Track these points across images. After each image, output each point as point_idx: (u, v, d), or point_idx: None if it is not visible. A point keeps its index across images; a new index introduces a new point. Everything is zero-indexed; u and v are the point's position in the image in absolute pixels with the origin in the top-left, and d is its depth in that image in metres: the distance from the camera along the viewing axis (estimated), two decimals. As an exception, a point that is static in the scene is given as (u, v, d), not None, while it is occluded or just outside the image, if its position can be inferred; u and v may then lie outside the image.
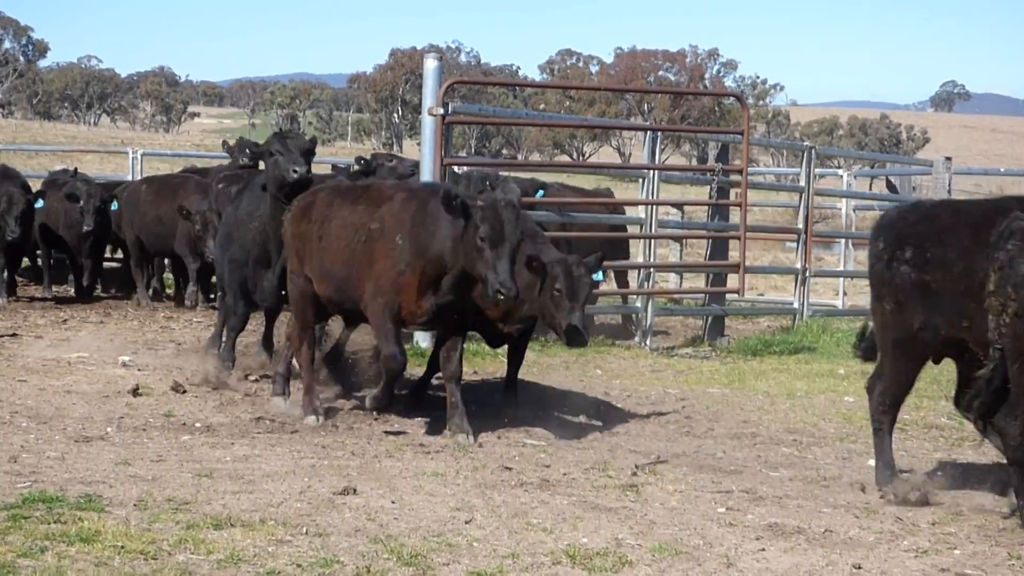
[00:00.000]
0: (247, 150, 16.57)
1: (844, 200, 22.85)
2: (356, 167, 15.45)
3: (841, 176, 24.28)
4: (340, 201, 10.55)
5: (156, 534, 6.82)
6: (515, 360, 11.14)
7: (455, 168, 14.77)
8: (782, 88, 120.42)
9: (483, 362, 13.18)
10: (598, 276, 11.14)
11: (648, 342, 15.88)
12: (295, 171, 11.29)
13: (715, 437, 10.49)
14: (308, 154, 11.73)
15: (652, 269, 16.84)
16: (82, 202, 17.31)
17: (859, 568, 6.89)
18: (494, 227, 9.34)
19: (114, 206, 18.14)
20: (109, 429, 9.67)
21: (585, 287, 10.27)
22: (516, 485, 8.37)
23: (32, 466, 8.33)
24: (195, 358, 12.50)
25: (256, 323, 12.93)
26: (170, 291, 18.98)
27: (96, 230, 17.51)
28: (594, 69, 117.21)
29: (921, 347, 8.69)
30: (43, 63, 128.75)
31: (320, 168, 21.91)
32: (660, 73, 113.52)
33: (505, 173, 16.68)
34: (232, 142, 18.25)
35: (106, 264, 19.65)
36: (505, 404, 10.94)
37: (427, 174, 14.25)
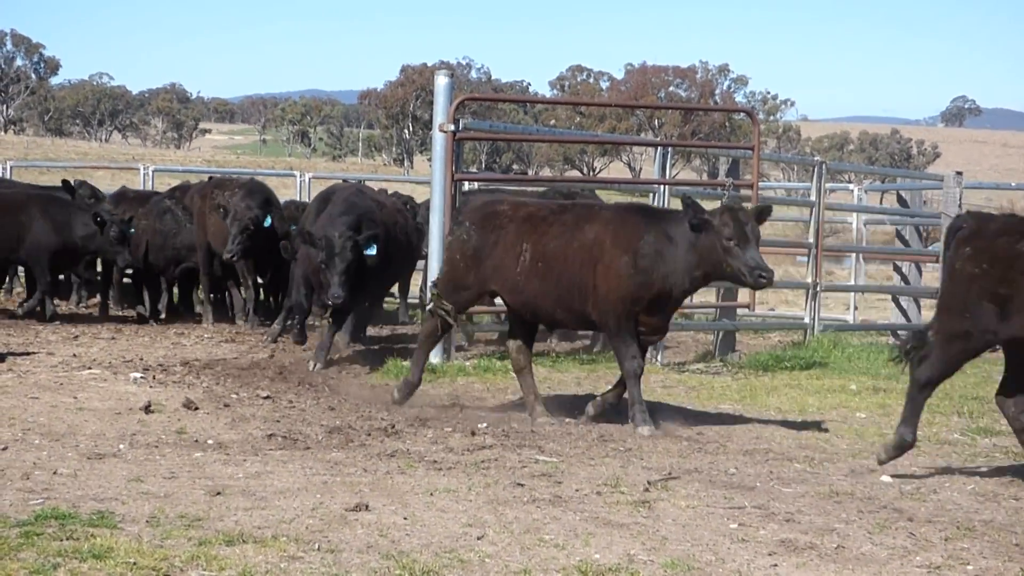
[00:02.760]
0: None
1: (855, 215, 22.87)
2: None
3: (852, 191, 24.28)
4: (536, 218, 11.56)
5: (168, 551, 6.82)
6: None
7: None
8: (793, 103, 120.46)
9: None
10: None
11: (659, 357, 15.88)
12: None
13: (727, 453, 10.47)
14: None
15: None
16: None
17: (872, 584, 6.88)
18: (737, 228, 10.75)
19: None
20: (121, 446, 9.68)
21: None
22: (528, 501, 8.36)
23: (45, 483, 8.34)
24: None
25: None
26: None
27: None
28: (604, 85, 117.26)
29: None
30: (55, 80, 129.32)
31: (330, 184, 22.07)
32: (671, 89, 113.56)
33: (514, 188, 16.73)
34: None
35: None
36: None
37: (438, 190, 14.28)
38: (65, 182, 18.56)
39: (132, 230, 16.96)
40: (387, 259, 14.50)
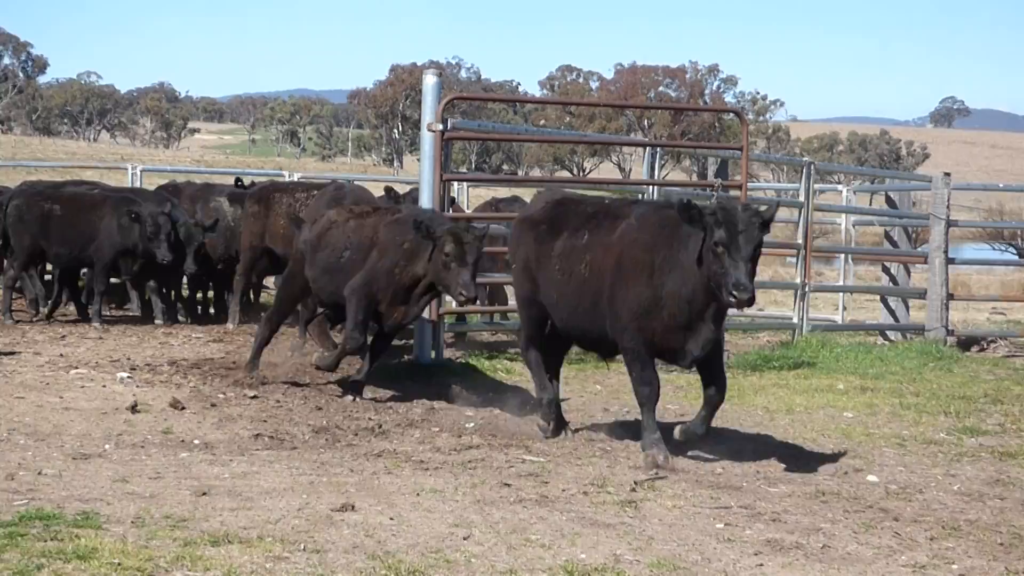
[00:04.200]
0: None
1: (844, 215, 22.86)
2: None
3: (841, 191, 24.30)
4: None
5: (153, 551, 6.80)
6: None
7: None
8: (782, 104, 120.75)
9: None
10: None
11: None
12: None
13: (714, 453, 10.47)
14: None
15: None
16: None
17: (857, 584, 6.89)
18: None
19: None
20: (107, 446, 9.66)
21: None
22: (515, 501, 8.36)
23: (29, 483, 8.31)
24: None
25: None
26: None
27: None
28: (594, 85, 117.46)
29: None
30: (43, 79, 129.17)
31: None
32: (660, 89, 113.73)
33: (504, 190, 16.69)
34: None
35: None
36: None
37: (426, 190, 14.26)
38: (238, 180, 18.76)
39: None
40: None
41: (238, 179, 19.63)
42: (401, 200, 16.00)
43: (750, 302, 9.16)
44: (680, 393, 13.51)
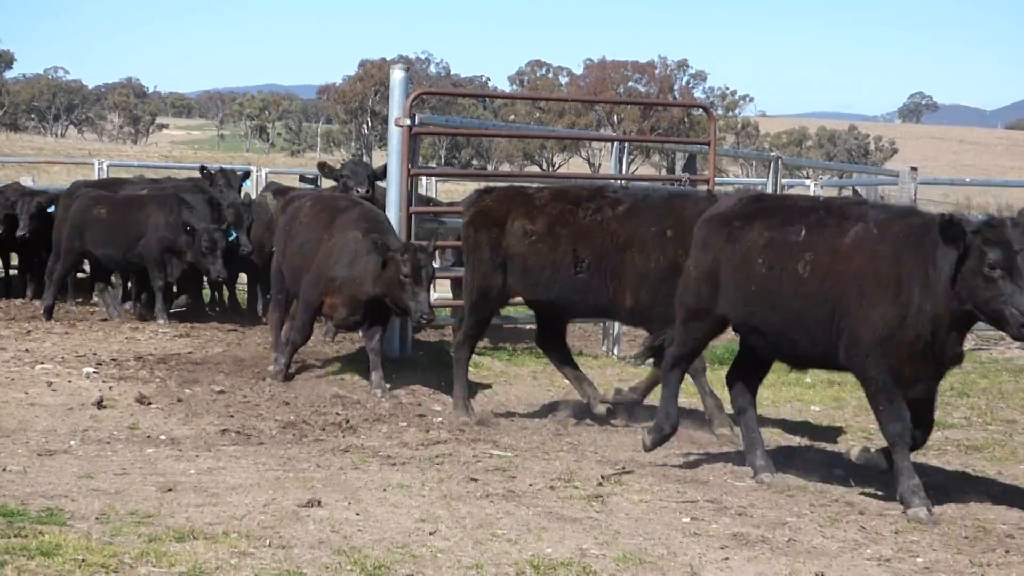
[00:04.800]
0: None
1: (811, 210, 22.88)
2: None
3: (808, 186, 24.35)
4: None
5: (118, 547, 6.78)
6: None
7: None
8: (751, 99, 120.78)
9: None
10: None
11: (616, 351, 15.89)
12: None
13: (681, 447, 10.48)
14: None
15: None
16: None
17: (822, 576, 6.91)
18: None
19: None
20: (73, 442, 9.62)
21: None
22: (482, 496, 8.36)
23: (-6, 479, 8.28)
24: None
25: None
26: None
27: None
28: (564, 80, 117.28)
29: None
30: (9, 74, 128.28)
31: (287, 180, 21.93)
32: (630, 84, 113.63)
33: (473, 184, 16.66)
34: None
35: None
36: None
37: (394, 185, 14.24)
38: (202, 167, 18.59)
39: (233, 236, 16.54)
40: None
41: (203, 167, 19.53)
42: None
43: None
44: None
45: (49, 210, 18.35)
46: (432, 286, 12.30)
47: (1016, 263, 8.03)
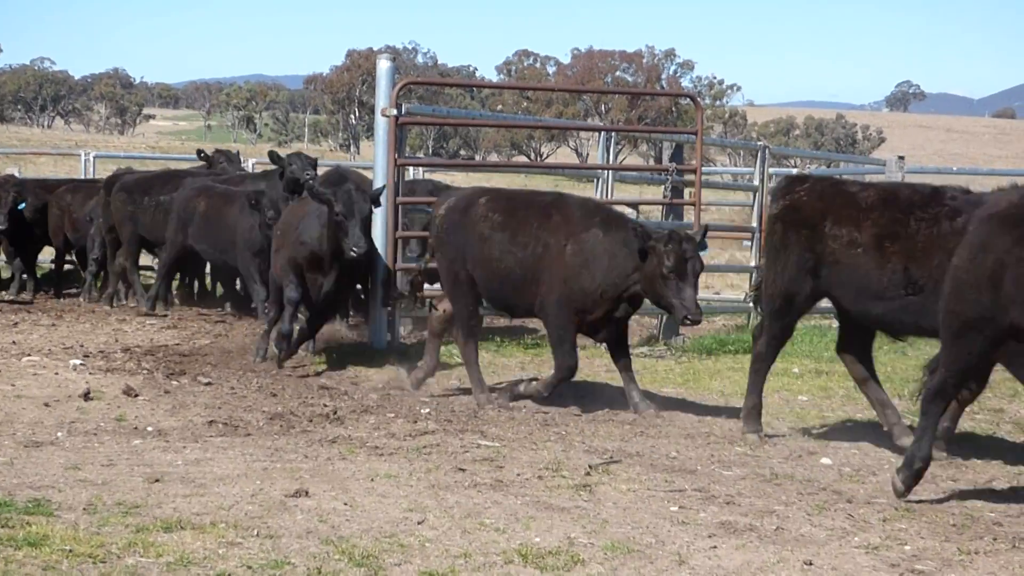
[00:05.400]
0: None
1: (798, 199, 22.90)
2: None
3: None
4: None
5: (105, 538, 6.77)
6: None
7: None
8: (739, 88, 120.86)
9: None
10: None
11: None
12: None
13: (669, 436, 10.49)
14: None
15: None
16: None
17: (810, 564, 6.91)
18: None
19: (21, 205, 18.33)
20: (59, 434, 9.60)
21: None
22: (469, 486, 8.35)
23: (-20, 471, 8.26)
24: None
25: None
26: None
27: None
28: (551, 70, 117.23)
29: None
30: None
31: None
32: (617, 74, 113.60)
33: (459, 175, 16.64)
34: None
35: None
36: None
37: (380, 175, 14.22)
38: (199, 152, 18.53)
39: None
40: None
41: (200, 151, 19.56)
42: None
43: None
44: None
45: (20, 206, 18.34)
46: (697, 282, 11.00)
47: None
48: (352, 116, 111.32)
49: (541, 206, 11.70)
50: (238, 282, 17.65)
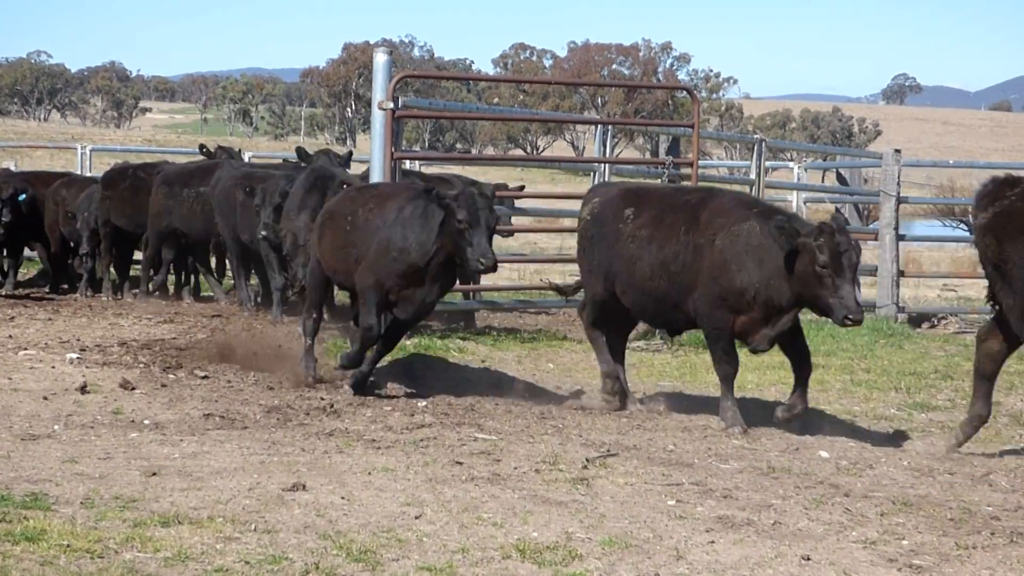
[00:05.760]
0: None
1: (795, 192, 22.92)
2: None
3: (792, 169, 24.37)
4: None
5: (103, 532, 6.76)
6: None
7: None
8: (735, 81, 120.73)
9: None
10: None
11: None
12: None
13: (665, 430, 10.49)
14: None
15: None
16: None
17: (808, 559, 6.90)
18: None
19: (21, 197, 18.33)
20: (56, 427, 9.58)
21: None
22: (467, 480, 8.34)
23: (-23, 465, 8.24)
24: None
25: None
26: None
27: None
28: (548, 63, 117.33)
29: None
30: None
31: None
32: (614, 67, 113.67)
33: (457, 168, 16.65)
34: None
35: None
36: None
37: (377, 169, 14.21)
38: (202, 146, 18.44)
39: None
40: None
41: (202, 145, 19.56)
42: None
43: None
44: (632, 371, 13.47)
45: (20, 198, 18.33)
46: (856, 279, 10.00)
47: None
48: (348, 109, 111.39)
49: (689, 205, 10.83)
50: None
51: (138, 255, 18.87)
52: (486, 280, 16.90)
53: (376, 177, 14.17)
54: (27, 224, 18.61)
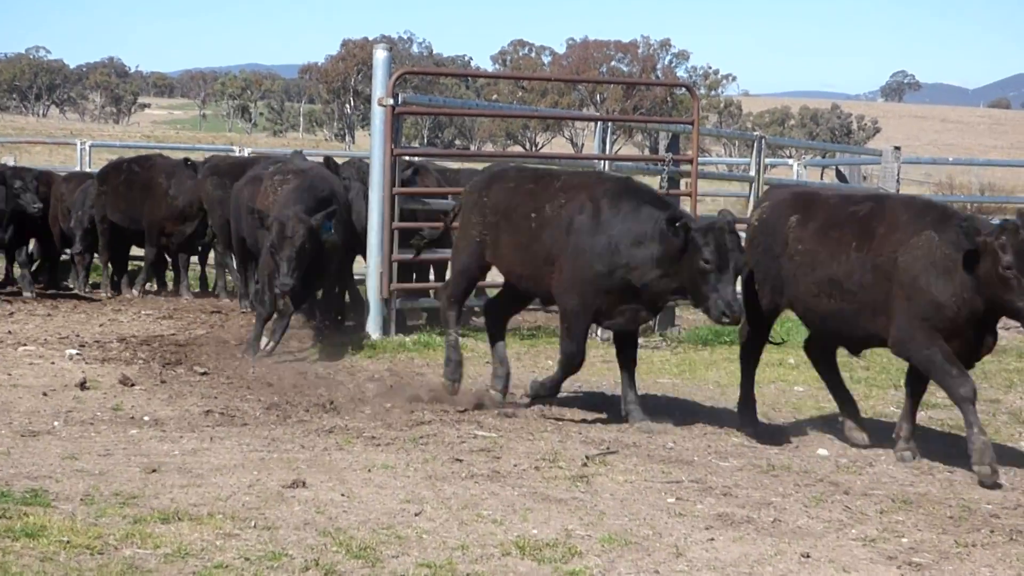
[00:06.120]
0: None
1: (794, 191, 22.90)
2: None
3: (791, 166, 24.36)
4: None
5: (102, 529, 6.76)
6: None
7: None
8: (734, 78, 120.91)
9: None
10: None
11: (599, 333, 15.86)
12: None
13: (665, 427, 10.48)
14: None
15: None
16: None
17: (808, 557, 6.91)
18: None
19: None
20: (56, 423, 9.58)
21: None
22: (466, 477, 8.35)
23: (-23, 461, 8.24)
24: None
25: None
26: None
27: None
28: (546, 60, 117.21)
29: None
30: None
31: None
32: (612, 64, 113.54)
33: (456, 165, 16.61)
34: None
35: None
36: None
37: (377, 165, 14.20)
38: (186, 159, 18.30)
39: None
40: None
41: (186, 159, 19.46)
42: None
43: None
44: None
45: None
46: None
47: None
48: (347, 106, 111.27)
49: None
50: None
51: (137, 252, 18.81)
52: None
53: (376, 172, 14.13)
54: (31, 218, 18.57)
